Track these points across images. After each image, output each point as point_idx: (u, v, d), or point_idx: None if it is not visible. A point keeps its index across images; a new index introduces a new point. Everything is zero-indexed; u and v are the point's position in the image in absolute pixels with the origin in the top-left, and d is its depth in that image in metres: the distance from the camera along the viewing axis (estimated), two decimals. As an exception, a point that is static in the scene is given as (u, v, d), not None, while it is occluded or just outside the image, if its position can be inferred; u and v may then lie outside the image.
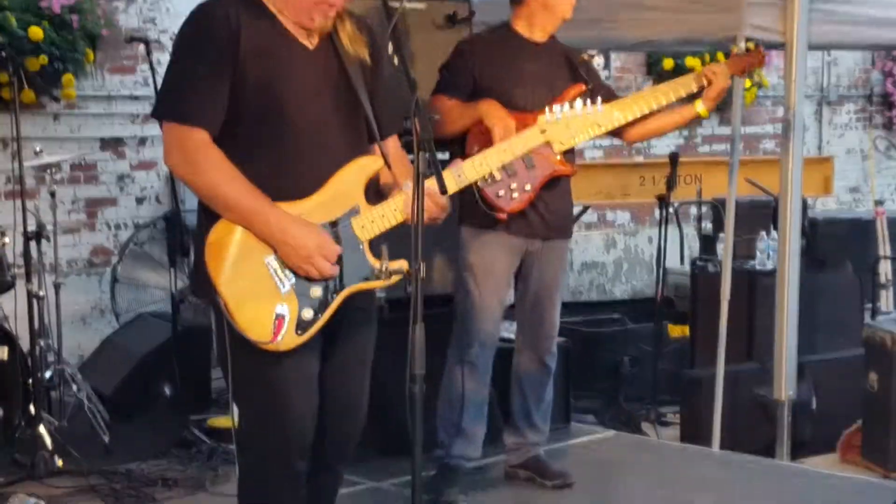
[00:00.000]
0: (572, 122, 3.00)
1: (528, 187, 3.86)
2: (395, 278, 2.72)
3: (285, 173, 2.71)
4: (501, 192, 3.82)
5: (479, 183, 3.60)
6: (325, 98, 2.76)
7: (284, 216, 2.66)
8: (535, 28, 4.03)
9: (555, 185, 3.98)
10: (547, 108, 2.98)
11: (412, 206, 2.46)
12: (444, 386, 4.11)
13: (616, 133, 4.08)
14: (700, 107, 4.03)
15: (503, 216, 3.87)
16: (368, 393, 2.95)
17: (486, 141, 3.69)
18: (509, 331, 4.46)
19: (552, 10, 3.99)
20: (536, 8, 4.00)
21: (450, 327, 4.14)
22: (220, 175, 2.65)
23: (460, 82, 3.98)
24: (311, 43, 2.78)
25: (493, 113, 3.79)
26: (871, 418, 4.82)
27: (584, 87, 3.93)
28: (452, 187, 2.79)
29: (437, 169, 2.49)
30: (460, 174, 2.89)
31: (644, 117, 3.97)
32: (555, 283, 4.17)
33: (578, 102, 2.97)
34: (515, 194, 3.84)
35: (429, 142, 2.44)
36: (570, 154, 3.98)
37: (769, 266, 5.39)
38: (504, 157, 3.04)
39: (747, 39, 4.43)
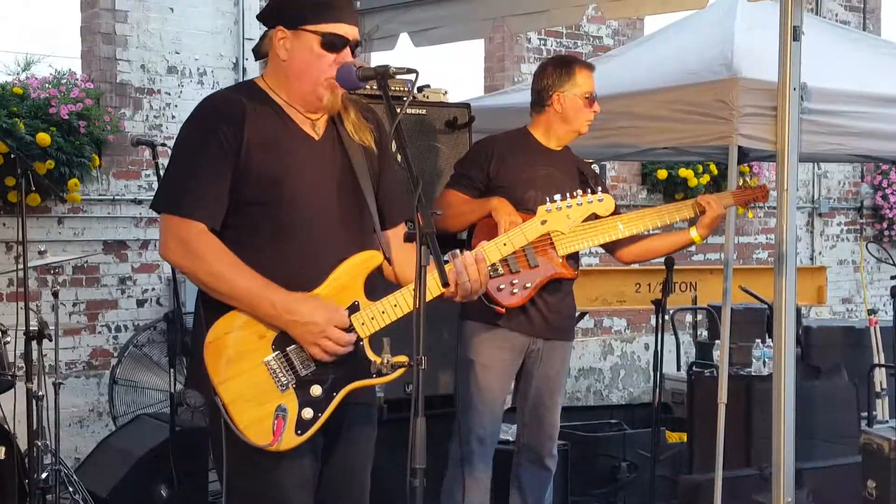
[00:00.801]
0: (572, 213, 3.08)
1: (528, 284, 3.94)
2: (396, 373, 2.71)
3: (287, 266, 2.72)
4: (502, 286, 3.90)
5: None
6: (328, 188, 2.79)
7: (289, 296, 2.66)
8: (550, 137, 4.20)
9: (557, 286, 4.06)
10: (547, 199, 3.03)
11: (414, 298, 2.48)
12: (445, 484, 4.11)
13: (611, 250, 4.21)
14: (694, 233, 4.19)
15: (502, 310, 3.93)
16: (369, 491, 2.94)
17: (493, 236, 3.78)
18: (508, 433, 4.47)
19: (569, 123, 4.17)
20: (554, 119, 4.17)
21: (451, 427, 4.15)
22: (220, 262, 2.65)
23: (475, 177, 4.10)
24: (315, 133, 2.81)
25: (502, 209, 3.91)
26: (871, 526, 4.78)
27: None
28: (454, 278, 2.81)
29: (438, 262, 2.52)
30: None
31: (638, 238, 4.10)
32: (556, 385, 4.20)
33: (578, 192, 3.04)
34: (516, 290, 3.92)
35: (430, 235, 2.48)
36: (573, 259, 4.08)
37: (765, 372, 5.41)
38: (504, 251, 3.11)
39: (740, 148, 4.54)
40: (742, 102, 4.42)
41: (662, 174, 8.78)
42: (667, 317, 5.52)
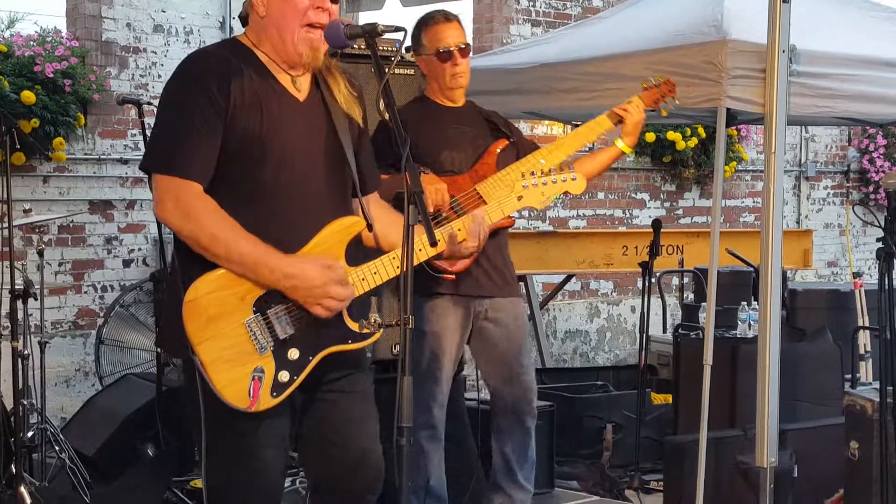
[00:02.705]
0: (547, 190, 3.12)
1: None
2: (376, 335, 2.74)
3: (272, 228, 2.71)
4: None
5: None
6: (314, 150, 2.79)
7: (286, 260, 2.67)
8: (443, 97, 4.15)
9: (494, 239, 4.01)
10: (523, 175, 3.08)
11: (401, 258, 2.49)
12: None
13: None
14: (621, 143, 4.15)
15: (451, 277, 3.90)
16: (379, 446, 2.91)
17: None
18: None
19: (437, 80, 4.11)
20: (430, 80, 4.16)
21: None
22: (218, 225, 2.64)
23: (387, 153, 4.02)
24: (299, 93, 2.81)
25: (423, 179, 3.82)
26: (853, 486, 4.81)
27: (506, 142, 4.07)
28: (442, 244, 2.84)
29: (426, 221, 2.52)
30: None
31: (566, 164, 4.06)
32: (521, 346, 4.17)
33: (554, 169, 3.09)
34: None
35: (419, 194, 2.48)
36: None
37: (750, 335, 5.43)
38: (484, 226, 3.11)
39: (728, 110, 4.53)
40: (731, 64, 4.40)
41: (650, 137, 8.77)
42: (653, 279, 5.55)
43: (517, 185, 3.09)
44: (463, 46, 4.09)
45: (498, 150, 4.06)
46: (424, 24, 4.14)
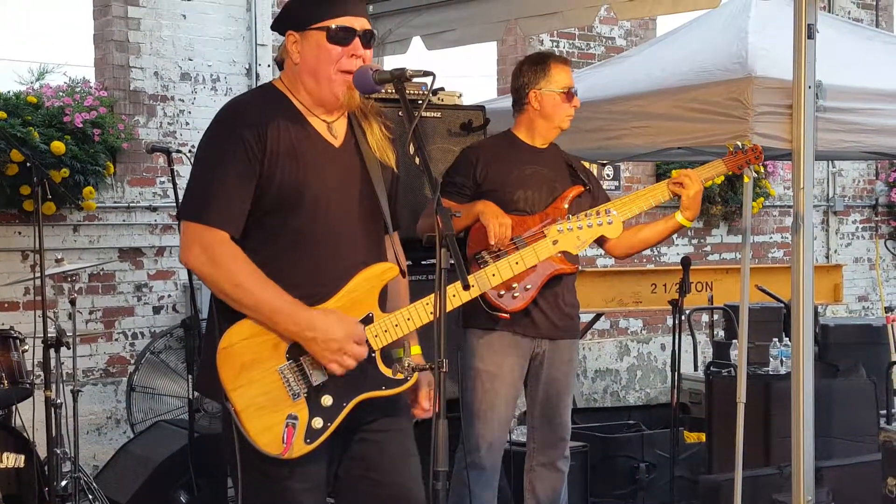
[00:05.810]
0: (582, 234, 3.12)
1: (529, 286, 3.91)
2: (412, 380, 2.75)
3: (307, 274, 2.73)
4: (502, 293, 3.86)
5: None
6: (350, 196, 2.81)
7: (307, 312, 2.67)
8: (535, 135, 4.18)
9: (557, 283, 4.03)
10: (559, 220, 3.09)
11: (435, 300, 2.49)
12: (453, 490, 4.09)
13: (601, 243, 4.10)
14: (680, 217, 4.00)
15: (506, 316, 3.90)
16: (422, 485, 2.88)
17: (485, 240, 3.78)
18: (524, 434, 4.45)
19: (549, 119, 4.15)
20: (534, 117, 4.16)
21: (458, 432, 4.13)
22: (242, 272, 2.66)
23: (461, 184, 4.09)
24: (335, 139, 2.83)
25: (488, 211, 3.86)
26: (892, 524, 4.76)
27: (581, 189, 4.07)
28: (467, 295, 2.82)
29: (459, 265, 2.52)
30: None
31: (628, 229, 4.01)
32: (564, 387, 4.17)
33: (591, 213, 3.11)
34: (517, 294, 3.89)
35: (450, 238, 2.49)
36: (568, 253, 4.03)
37: (783, 371, 5.39)
38: (517, 269, 3.12)
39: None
40: (757, 101, 4.40)
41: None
42: (683, 317, 5.51)
43: (552, 229, 3.10)
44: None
45: (571, 196, 4.06)
46: (553, 59, 4.19)
